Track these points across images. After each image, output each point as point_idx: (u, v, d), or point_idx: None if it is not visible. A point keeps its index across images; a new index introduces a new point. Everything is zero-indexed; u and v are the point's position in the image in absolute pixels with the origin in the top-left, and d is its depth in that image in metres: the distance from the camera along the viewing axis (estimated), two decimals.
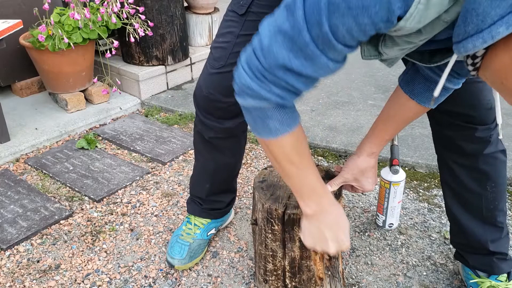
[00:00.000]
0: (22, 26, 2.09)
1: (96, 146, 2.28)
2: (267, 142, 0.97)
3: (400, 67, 1.16)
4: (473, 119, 1.19)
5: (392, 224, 1.70)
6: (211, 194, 1.56)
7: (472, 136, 1.21)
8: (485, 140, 1.22)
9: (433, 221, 1.76)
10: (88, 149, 2.25)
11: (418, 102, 1.09)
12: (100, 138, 2.38)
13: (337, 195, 1.25)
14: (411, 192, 1.93)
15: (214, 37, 3.12)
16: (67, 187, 1.99)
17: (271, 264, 1.32)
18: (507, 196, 1.65)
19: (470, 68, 0.73)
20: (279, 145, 0.96)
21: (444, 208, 1.81)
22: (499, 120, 0.94)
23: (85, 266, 1.58)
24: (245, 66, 0.85)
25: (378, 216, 1.71)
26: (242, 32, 1.22)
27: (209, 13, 3.05)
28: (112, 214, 1.82)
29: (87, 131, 2.45)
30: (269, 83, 0.84)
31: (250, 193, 1.94)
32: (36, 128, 2.38)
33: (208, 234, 1.60)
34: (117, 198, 1.92)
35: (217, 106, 1.33)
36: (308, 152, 1.01)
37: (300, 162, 0.99)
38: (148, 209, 1.85)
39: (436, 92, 0.80)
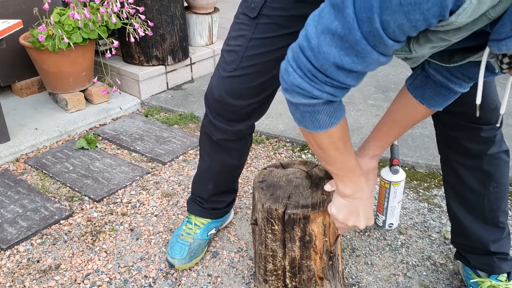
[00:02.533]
0: (22, 26, 2.09)
1: (96, 146, 2.28)
2: (313, 133, 0.98)
3: (400, 67, 1.16)
4: (479, 119, 1.19)
5: (392, 224, 1.70)
6: (214, 195, 1.56)
7: (477, 136, 1.21)
8: (490, 140, 1.22)
9: (433, 221, 1.76)
10: (88, 149, 2.25)
11: (428, 107, 1.10)
12: (100, 138, 2.38)
13: None
14: (411, 192, 1.93)
15: (214, 38, 3.13)
16: (67, 187, 1.99)
17: (271, 264, 1.32)
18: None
19: (505, 66, 0.74)
20: (327, 136, 0.97)
21: (444, 208, 1.82)
22: (502, 110, 0.93)
23: (85, 266, 1.58)
24: (294, 65, 0.85)
25: (378, 216, 1.71)
26: (255, 35, 1.21)
27: (209, 13, 3.05)
28: (112, 214, 1.82)
29: (87, 131, 2.45)
30: (321, 83, 0.85)
31: (250, 193, 1.94)
32: (36, 128, 2.38)
33: (208, 234, 1.61)
34: (117, 198, 1.92)
35: (228, 109, 1.32)
36: (349, 137, 1.04)
37: (344, 148, 1.02)
38: (148, 209, 1.85)
39: (478, 100, 0.82)
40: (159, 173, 2.08)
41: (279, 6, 1.16)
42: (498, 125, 1.18)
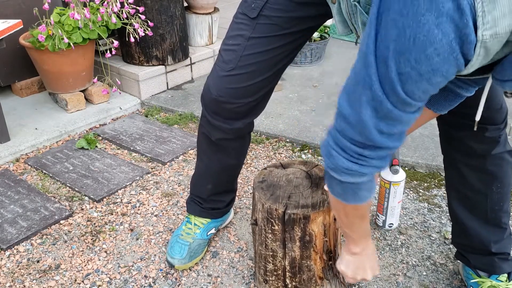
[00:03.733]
0: (22, 26, 2.09)
1: (96, 146, 2.28)
2: (347, 205, 1.01)
3: None
4: (484, 119, 1.19)
5: (392, 224, 1.70)
6: (213, 194, 1.56)
7: (482, 136, 1.21)
8: (495, 140, 1.23)
9: (433, 221, 1.76)
10: (88, 149, 2.25)
11: (435, 111, 1.12)
12: (100, 138, 2.38)
13: None
14: (411, 192, 1.93)
15: (214, 38, 3.13)
16: (67, 187, 1.99)
17: (271, 264, 1.32)
18: None
19: (509, 95, 0.81)
20: (359, 207, 1.02)
21: (444, 208, 1.82)
22: (478, 117, 0.97)
23: (85, 266, 1.58)
24: (338, 149, 0.88)
25: (378, 216, 1.71)
26: (253, 35, 1.21)
27: (209, 13, 3.05)
28: (112, 214, 1.82)
29: (87, 131, 2.45)
30: (369, 159, 0.87)
31: (250, 193, 1.94)
32: (36, 128, 2.38)
33: (208, 233, 1.60)
34: (117, 198, 1.92)
35: (226, 108, 1.32)
36: None
37: (365, 216, 1.08)
38: (148, 209, 1.85)
39: (478, 116, 0.88)
40: (159, 173, 2.08)
41: (280, 7, 1.16)
42: (503, 125, 1.19)
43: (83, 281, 1.51)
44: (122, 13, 2.44)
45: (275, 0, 1.16)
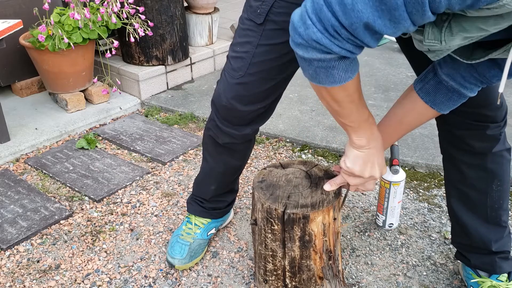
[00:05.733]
0: (22, 26, 2.09)
1: (96, 146, 2.28)
2: (328, 88, 0.96)
3: (400, 67, 1.16)
4: (486, 117, 1.19)
5: (392, 224, 1.70)
6: (215, 196, 1.56)
7: (484, 134, 1.21)
8: (495, 138, 1.23)
9: (433, 221, 1.76)
10: (88, 149, 2.25)
11: (438, 110, 1.11)
12: (100, 138, 2.38)
13: (337, 194, 1.25)
14: (411, 192, 1.93)
15: (214, 38, 3.13)
16: (67, 187, 1.99)
17: (271, 264, 1.32)
18: None
19: None
20: (342, 89, 0.96)
21: (444, 208, 1.82)
22: (501, 89, 0.92)
23: (85, 266, 1.58)
24: (314, 19, 0.82)
25: (378, 216, 1.71)
26: (261, 42, 1.20)
27: (209, 13, 3.05)
28: (112, 214, 1.82)
29: (87, 131, 2.45)
30: (343, 40, 0.82)
31: (250, 193, 1.94)
32: (36, 128, 2.38)
33: (208, 234, 1.61)
34: (117, 198, 1.92)
35: (236, 115, 1.32)
36: (361, 88, 1.03)
37: (359, 100, 1.01)
38: (148, 209, 1.85)
39: (501, 88, 0.82)
40: (159, 173, 2.08)
41: (286, 11, 1.15)
42: (503, 122, 1.20)
43: (83, 281, 1.51)
44: (122, 13, 2.44)
45: (280, 4, 1.15)
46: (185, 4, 3.02)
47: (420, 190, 1.94)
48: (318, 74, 0.92)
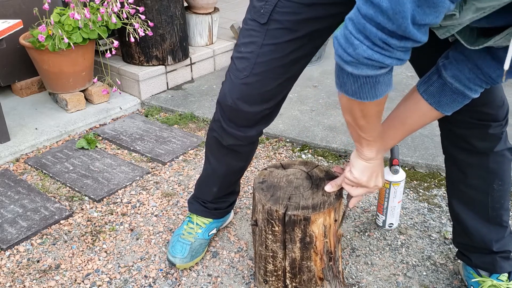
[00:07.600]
0: (22, 26, 2.09)
1: (96, 146, 2.28)
2: (364, 103, 0.96)
3: (400, 67, 1.16)
4: (488, 116, 1.19)
5: (392, 224, 1.70)
6: (218, 197, 1.56)
7: (485, 133, 1.21)
8: (497, 137, 1.23)
9: (433, 221, 1.76)
10: (88, 149, 2.25)
11: (443, 113, 1.11)
12: (100, 138, 2.38)
13: (338, 195, 1.25)
14: (411, 192, 1.93)
15: (214, 38, 3.13)
16: (67, 187, 1.99)
17: (271, 264, 1.32)
18: None
19: None
20: (376, 104, 0.97)
21: (444, 208, 1.82)
22: (507, 66, 0.92)
23: (85, 266, 1.58)
24: (360, 38, 0.82)
25: (378, 216, 1.71)
26: (266, 41, 1.20)
27: (209, 13, 3.05)
28: (112, 214, 1.82)
29: (87, 131, 2.45)
30: (393, 50, 0.82)
31: (250, 193, 1.94)
32: (36, 128, 2.38)
33: (210, 233, 1.61)
34: (117, 198, 1.92)
35: (241, 116, 1.32)
36: None
37: (382, 112, 1.03)
38: (148, 209, 1.85)
39: (506, 65, 0.83)
40: (159, 173, 2.08)
41: (289, 10, 1.15)
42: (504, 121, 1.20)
43: (83, 281, 1.51)
44: (122, 13, 2.44)
45: (284, 4, 1.15)
46: (185, 4, 3.02)
47: (420, 190, 1.94)
48: (363, 89, 0.92)
